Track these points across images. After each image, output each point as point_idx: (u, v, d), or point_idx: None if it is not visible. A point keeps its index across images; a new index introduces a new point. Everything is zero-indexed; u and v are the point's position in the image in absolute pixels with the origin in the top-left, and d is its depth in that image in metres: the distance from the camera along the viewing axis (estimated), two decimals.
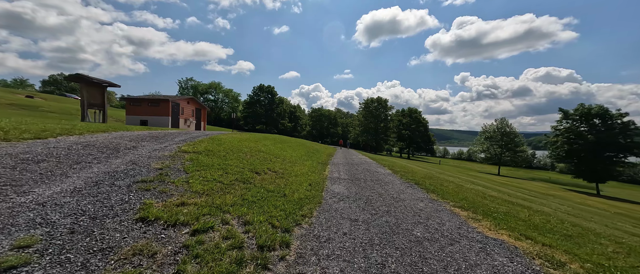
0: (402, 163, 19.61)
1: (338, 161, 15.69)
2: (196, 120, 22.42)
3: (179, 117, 19.63)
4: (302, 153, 15.64)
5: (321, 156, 16.71)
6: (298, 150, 16.68)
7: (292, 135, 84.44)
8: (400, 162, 21.64)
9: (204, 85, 74.46)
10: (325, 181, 8.38)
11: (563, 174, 59.47)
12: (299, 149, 17.09)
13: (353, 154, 23.89)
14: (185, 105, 20.43)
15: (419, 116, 69.53)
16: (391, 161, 20.21)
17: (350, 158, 18.10)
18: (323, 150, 22.60)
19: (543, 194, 21.00)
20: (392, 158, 33.43)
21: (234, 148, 9.62)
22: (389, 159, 24.28)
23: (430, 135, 68.81)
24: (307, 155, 15.62)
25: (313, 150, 20.09)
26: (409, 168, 15.48)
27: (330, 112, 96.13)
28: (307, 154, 15.88)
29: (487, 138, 50.54)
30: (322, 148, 24.81)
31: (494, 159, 49.01)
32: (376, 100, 67.73)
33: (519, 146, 46.72)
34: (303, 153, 15.86)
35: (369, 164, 15.20)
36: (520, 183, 28.79)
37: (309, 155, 15.81)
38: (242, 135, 17.11)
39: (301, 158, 13.10)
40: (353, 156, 21.33)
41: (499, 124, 50.48)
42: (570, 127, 34.16)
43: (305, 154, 15.72)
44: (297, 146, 19.22)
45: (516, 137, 47.54)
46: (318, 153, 18.27)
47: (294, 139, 26.39)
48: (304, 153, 15.76)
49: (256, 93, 61.92)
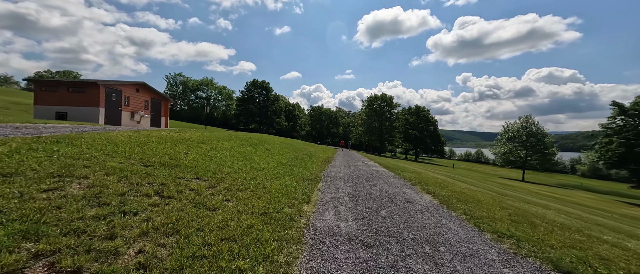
0: (431, 176, 14.24)
1: (337, 171, 10.38)
2: (153, 113, 17.22)
3: (120, 108, 14.43)
4: (281, 160, 10.35)
5: (313, 165, 11.41)
6: (278, 155, 11.39)
7: (291, 135, 79.16)
8: (425, 173, 16.25)
9: (195, 81, 69.36)
10: (302, 234, 3.18)
11: (594, 179, 53.70)
12: (279, 154, 11.81)
13: (356, 158, 18.63)
14: (133, 93, 15.29)
15: (427, 114, 63.88)
16: (411, 170, 14.86)
17: (354, 165, 12.86)
18: (319, 154, 17.30)
19: (630, 217, 15.54)
20: (404, 163, 27.97)
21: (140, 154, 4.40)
22: (405, 166, 18.90)
23: (440, 135, 63.23)
24: (290, 163, 10.33)
25: (304, 154, 14.77)
26: (450, 184, 10.11)
27: (330, 110, 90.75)
28: (290, 162, 10.59)
29: (509, 139, 44.23)
30: (317, 151, 19.51)
31: (518, 162, 42.73)
32: (380, 98, 62.28)
33: (548, 148, 40.44)
34: (284, 160, 10.56)
35: (384, 177, 9.85)
36: (570, 195, 23.35)
37: (292, 163, 10.51)
38: (200, 133, 11.86)
39: (275, 171, 7.81)
40: (357, 162, 16.03)
41: (524, 122, 44.11)
42: (627, 124, 28.36)
43: (287, 162, 10.42)
44: (280, 149, 13.94)
45: (545, 136, 40.84)
46: (310, 160, 12.96)
47: (281, 139, 21.21)
48: (286, 161, 10.46)
49: (249, 89, 56.66)
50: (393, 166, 14.98)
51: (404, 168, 15.03)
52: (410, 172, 12.54)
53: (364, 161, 17.34)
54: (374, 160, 18.92)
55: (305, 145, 22.35)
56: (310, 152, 17.12)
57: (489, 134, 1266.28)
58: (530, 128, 40.76)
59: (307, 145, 23.37)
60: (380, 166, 14.27)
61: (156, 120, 17.44)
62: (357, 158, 18.99)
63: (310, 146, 22.75)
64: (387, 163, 17.91)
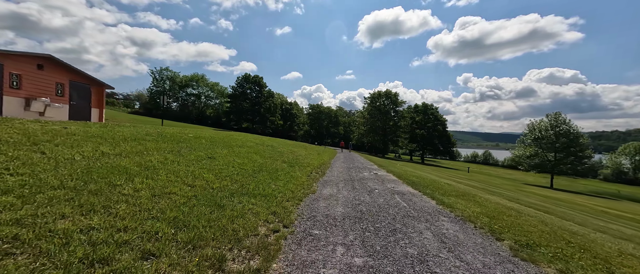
0: (493, 202, 9.19)
1: (330, 199, 5.27)
2: (76, 102, 12.29)
3: (1, 92, 9.53)
4: (234, 176, 5.34)
5: (291, 184, 6.37)
6: (231, 167, 6.41)
7: (288, 135, 74.11)
8: (466, 188, 11.14)
9: (185, 77, 64.25)
10: None
11: (619, 184, 48.49)
12: (234, 166, 6.82)
13: (360, 164, 13.65)
14: (31, 70, 10.29)
15: (435, 112, 58.48)
16: (443, 184, 9.82)
17: (360, 178, 7.82)
18: (309, 160, 12.31)
19: None
20: (418, 168, 22.92)
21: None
22: (428, 176, 13.88)
23: (450, 135, 57.95)
24: (242, 184, 5.28)
25: (284, 162, 9.79)
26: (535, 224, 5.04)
27: (330, 109, 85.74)
28: (244, 180, 5.54)
29: (535, 140, 37.77)
30: (309, 155, 14.51)
31: (546, 167, 36.11)
32: (384, 94, 57.11)
33: (583, 151, 33.90)
34: (238, 177, 5.55)
35: (421, 210, 4.73)
36: (625, 209, 18.29)
37: (249, 182, 5.47)
38: (132, 130, 6.90)
39: (180, 219, 2.75)
40: (363, 171, 11.05)
41: (553, 121, 36.85)
42: None
43: (239, 181, 5.37)
44: (246, 155, 8.95)
45: (580, 137, 34.56)
46: (287, 174, 7.93)
47: (261, 139, 16.16)
48: (240, 179, 5.43)
49: (241, 84, 51.46)
50: (412, 176, 9.94)
51: (434, 181, 10.01)
52: (453, 195, 7.51)
53: (372, 169, 12.30)
54: (383, 167, 13.89)
55: (294, 147, 17.32)
56: (296, 157, 12.11)
57: (490, 135, 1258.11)
58: (561, 127, 35.46)
59: (297, 147, 18.34)
60: (400, 180, 9.24)
61: (81, 111, 12.48)
62: (362, 165, 13.97)
63: (300, 148, 17.75)
64: (402, 171, 12.91)
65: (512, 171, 68.54)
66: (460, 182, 14.38)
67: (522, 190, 20.95)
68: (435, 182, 10.00)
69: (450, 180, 14.14)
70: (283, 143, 18.76)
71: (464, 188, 10.02)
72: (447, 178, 15.63)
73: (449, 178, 17.20)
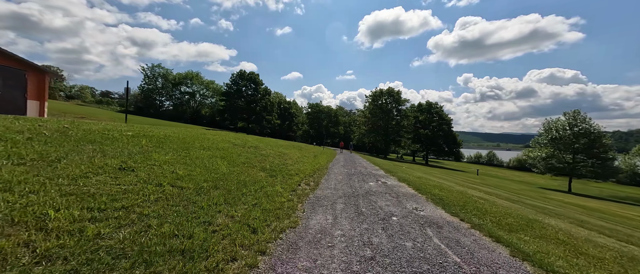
0: (540, 222, 6.50)
1: (321, 244, 2.72)
2: (8, 90, 9.75)
3: None
4: None
5: (268, 205, 3.80)
6: (170, 179, 3.87)
7: (286, 135, 71.52)
8: (498, 201, 8.52)
9: (178, 74, 61.54)
10: None
11: (634, 186, 45.84)
12: (181, 176, 4.27)
13: (364, 168, 11.06)
14: None
15: (440, 111, 55.65)
16: (476, 199, 7.23)
17: (365, 191, 5.26)
18: (301, 167, 9.74)
19: None
20: (426, 172, 20.39)
21: None
22: (449, 185, 11.30)
23: (456, 135, 55.16)
24: (168, 214, 2.73)
25: (257, 175, 7.23)
26: None
27: (330, 108, 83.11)
28: (174, 209, 3.00)
29: (552, 140, 34.38)
30: (301, 160, 11.95)
31: (564, 170, 32.91)
32: (386, 92, 54.45)
33: (607, 152, 30.62)
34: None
35: None
36: None
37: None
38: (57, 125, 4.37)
39: None
40: (368, 180, 8.52)
41: (571, 119, 33.44)
42: None
43: (161, 220, 2.80)
44: (208, 159, 6.37)
45: (603, 137, 31.25)
46: (272, 182, 5.36)
47: (245, 138, 13.44)
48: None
49: (235, 81, 48.64)
50: (433, 187, 7.35)
51: (463, 195, 7.41)
52: (513, 226, 4.90)
53: (378, 175, 9.70)
54: (391, 172, 11.29)
55: (286, 149, 14.73)
56: (284, 162, 9.53)
57: (490, 135, 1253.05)
58: (580, 126, 32.38)
59: (289, 148, 15.73)
60: (420, 194, 6.64)
61: (11, 102, 9.93)
62: (365, 169, 11.35)
63: (294, 150, 15.13)
64: (415, 179, 10.32)
65: (520, 173, 65.92)
66: (484, 191, 11.77)
67: (549, 198, 18.33)
68: (467, 197, 7.40)
69: (473, 189, 11.54)
70: (273, 144, 16.17)
71: (508, 206, 7.42)
72: (469, 186, 13.02)
73: (468, 184, 14.60)
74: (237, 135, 16.69)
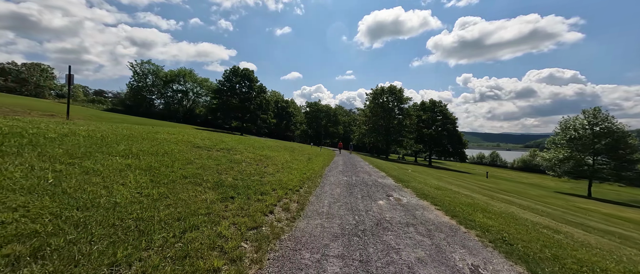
0: None
1: None
2: None
3: None
4: None
5: None
6: None
7: (285, 135, 68.93)
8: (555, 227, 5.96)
9: (170, 72, 58.76)
10: None
11: None
12: None
13: (368, 176, 8.53)
14: None
15: (444, 110, 53.02)
16: (533, 226, 4.60)
17: (374, 218, 2.84)
18: (284, 177, 7.15)
19: None
20: (439, 180, 17.85)
21: None
22: (486, 203, 8.70)
23: (461, 135, 52.47)
24: None
25: (199, 203, 4.60)
26: None
27: (329, 107, 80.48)
28: None
29: (570, 140, 31.67)
30: (287, 166, 9.37)
31: (584, 173, 30.18)
32: (387, 90, 51.79)
33: (633, 153, 27.55)
34: None
35: None
36: None
37: None
38: None
39: None
40: (376, 197, 5.85)
41: (591, 118, 30.60)
42: None
43: None
44: (115, 173, 3.78)
45: (628, 136, 28.22)
46: (222, 214, 2.83)
47: (215, 137, 10.74)
48: None
49: (228, 78, 45.83)
50: (466, 206, 4.83)
51: (518, 221, 4.88)
52: None
53: (386, 186, 7.10)
54: (402, 181, 8.72)
55: (272, 151, 12.14)
56: (261, 173, 6.97)
57: (490, 135, 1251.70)
58: (601, 126, 29.54)
59: (277, 151, 13.13)
60: (457, 223, 4.06)
61: None
62: (369, 176, 8.78)
63: (282, 152, 12.54)
64: (431, 190, 7.76)
65: (526, 174, 63.52)
66: (527, 207, 9.17)
67: (580, 207, 15.78)
68: (541, 234, 4.83)
69: (508, 203, 8.97)
70: (258, 145, 13.57)
71: (595, 244, 4.86)
72: (500, 198, 10.44)
73: (492, 193, 12.02)
74: (212, 135, 14.11)
